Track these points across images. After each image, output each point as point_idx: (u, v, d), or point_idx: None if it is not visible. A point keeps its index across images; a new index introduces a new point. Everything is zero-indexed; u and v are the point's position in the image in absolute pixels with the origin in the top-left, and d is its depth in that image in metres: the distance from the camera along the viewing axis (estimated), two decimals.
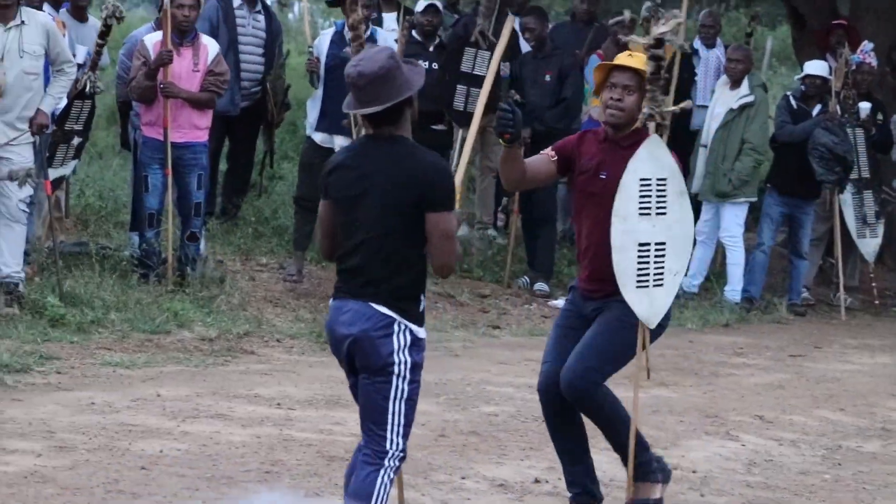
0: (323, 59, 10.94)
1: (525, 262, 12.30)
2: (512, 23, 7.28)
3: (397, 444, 5.55)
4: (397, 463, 5.58)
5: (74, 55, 10.55)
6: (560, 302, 11.47)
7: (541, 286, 11.89)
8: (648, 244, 6.15)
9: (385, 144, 5.56)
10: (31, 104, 9.82)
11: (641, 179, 6.15)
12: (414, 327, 5.53)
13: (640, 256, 6.11)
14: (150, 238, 10.65)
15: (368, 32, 10.02)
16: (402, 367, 5.51)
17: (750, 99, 12.03)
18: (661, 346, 8.59)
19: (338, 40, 10.85)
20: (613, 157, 6.27)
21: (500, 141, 6.14)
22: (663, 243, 6.16)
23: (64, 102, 10.36)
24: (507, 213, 12.99)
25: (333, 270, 11.62)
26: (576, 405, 6.27)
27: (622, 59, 6.24)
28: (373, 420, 5.57)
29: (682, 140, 12.24)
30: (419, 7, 12.09)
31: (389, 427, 5.54)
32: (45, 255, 10.75)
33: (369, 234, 5.54)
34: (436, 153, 5.67)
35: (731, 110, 12.08)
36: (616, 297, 6.24)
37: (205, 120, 10.59)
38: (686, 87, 12.53)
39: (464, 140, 10.58)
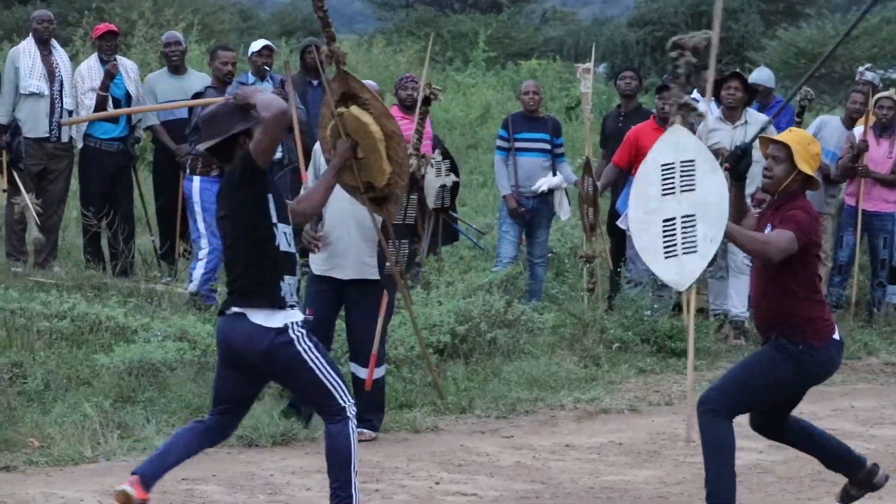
0: None
1: None
2: None
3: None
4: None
5: None
6: None
7: None
8: (673, 218, 6.13)
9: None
10: None
11: (663, 165, 6.20)
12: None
13: (665, 231, 6.11)
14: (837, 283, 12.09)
15: None
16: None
17: None
18: None
19: None
20: (773, 218, 6.35)
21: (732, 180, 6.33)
22: (692, 215, 6.09)
23: None
24: None
25: None
26: (698, 419, 6.36)
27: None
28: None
29: None
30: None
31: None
32: None
33: (227, 247, 5.96)
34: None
35: None
36: (769, 343, 6.38)
37: (894, 195, 12.10)
38: None
39: None
